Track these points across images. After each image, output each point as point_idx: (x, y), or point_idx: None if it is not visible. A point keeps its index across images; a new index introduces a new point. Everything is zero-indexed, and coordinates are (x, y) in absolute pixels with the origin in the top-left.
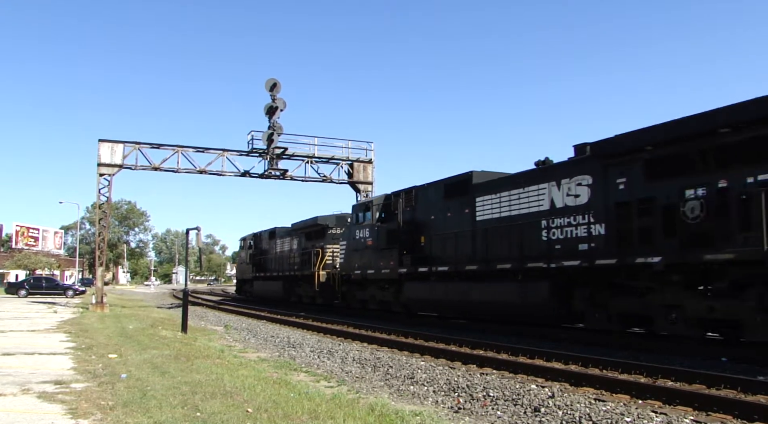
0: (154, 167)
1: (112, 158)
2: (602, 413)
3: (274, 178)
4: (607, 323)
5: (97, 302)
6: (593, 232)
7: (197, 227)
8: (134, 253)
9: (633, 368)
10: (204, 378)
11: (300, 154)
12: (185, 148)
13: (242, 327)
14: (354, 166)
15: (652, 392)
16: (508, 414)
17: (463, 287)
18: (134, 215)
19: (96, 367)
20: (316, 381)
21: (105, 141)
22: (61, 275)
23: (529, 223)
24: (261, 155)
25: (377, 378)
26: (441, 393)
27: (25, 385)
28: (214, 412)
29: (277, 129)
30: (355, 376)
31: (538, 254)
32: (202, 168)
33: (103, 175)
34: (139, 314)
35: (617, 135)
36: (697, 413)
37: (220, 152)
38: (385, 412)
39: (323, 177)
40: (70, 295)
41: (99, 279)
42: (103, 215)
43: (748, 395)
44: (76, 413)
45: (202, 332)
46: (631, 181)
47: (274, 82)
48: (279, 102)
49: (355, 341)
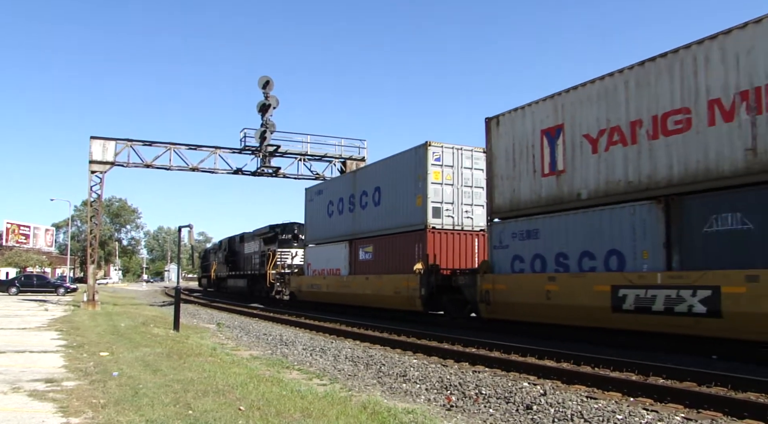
0: (146, 165)
1: (104, 155)
2: (594, 411)
3: (267, 175)
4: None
5: (88, 300)
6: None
7: (189, 224)
8: (126, 250)
9: (624, 366)
10: (196, 376)
11: (293, 151)
12: (177, 145)
13: (234, 325)
14: (347, 164)
15: (644, 390)
16: (501, 412)
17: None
18: (126, 213)
19: (87, 365)
20: (309, 379)
21: (97, 138)
22: (52, 272)
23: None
24: (254, 153)
25: (370, 376)
26: (433, 391)
27: (15, 383)
28: (206, 410)
29: (270, 126)
30: (348, 374)
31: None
32: (195, 165)
33: (95, 172)
34: (131, 312)
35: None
36: (688, 411)
37: (213, 150)
38: (378, 410)
39: (316, 175)
40: (61, 293)
41: (90, 277)
42: (95, 212)
43: (738, 393)
44: (68, 411)
45: (195, 330)
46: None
47: (267, 79)
48: (272, 99)
49: (348, 338)
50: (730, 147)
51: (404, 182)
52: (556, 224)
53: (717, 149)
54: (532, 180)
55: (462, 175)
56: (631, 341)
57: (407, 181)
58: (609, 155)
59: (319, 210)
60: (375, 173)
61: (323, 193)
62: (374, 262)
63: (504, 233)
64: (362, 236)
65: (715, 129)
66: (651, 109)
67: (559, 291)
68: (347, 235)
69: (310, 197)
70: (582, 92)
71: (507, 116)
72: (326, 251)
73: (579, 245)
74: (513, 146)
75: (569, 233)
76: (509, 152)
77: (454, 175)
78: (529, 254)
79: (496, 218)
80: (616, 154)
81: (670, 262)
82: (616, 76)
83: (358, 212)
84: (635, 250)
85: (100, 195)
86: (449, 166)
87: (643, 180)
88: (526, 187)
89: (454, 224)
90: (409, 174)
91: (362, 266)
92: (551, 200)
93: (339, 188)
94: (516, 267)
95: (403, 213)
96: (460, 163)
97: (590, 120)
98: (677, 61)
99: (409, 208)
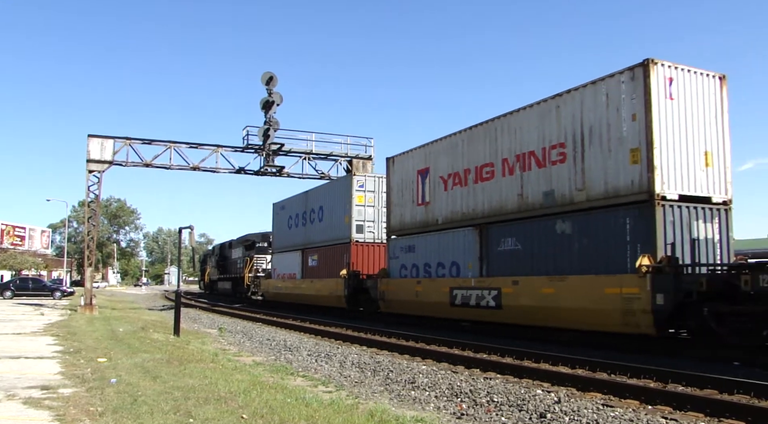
0: (146, 164)
1: (102, 154)
2: (610, 419)
3: (271, 175)
4: None
5: (85, 304)
6: None
7: (190, 225)
8: (125, 253)
9: (642, 373)
10: (197, 383)
11: (297, 150)
12: (178, 144)
13: (237, 330)
14: (353, 163)
15: (662, 397)
16: (513, 420)
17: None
18: (124, 213)
19: (84, 371)
20: (314, 386)
21: (94, 136)
22: (48, 275)
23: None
24: (257, 151)
25: (377, 383)
26: (443, 398)
27: (10, 390)
28: (207, 418)
29: (274, 124)
30: (354, 380)
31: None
32: (196, 165)
33: (93, 171)
34: (129, 317)
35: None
36: (709, 419)
37: (214, 148)
38: (386, 418)
39: (321, 174)
40: (57, 296)
41: (88, 280)
42: (92, 213)
43: (762, 401)
44: (64, 419)
45: (195, 335)
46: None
47: (270, 75)
48: (275, 96)
49: (354, 344)
50: (511, 192)
51: (338, 204)
52: (425, 242)
53: (506, 194)
54: (412, 208)
55: (382, 199)
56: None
57: (340, 203)
58: (453, 193)
59: (282, 223)
60: (320, 195)
61: (285, 209)
62: (318, 268)
63: (396, 247)
64: (311, 246)
65: (505, 179)
66: (474, 161)
67: (422, 291)
68: (301, 245)
69: (276, 211)
70: (440, 144)
71: (399, 158)
72: (287, 258)
73: (437, 257)
74: (402, 181)
75: (431, 248)
76: (399, 186)
77: (375, 198)
78: (409, 264)
79: (393, 235)
80: (457, 193)
81: (482, 271)
82: (458, 135)
83: (308, 226)
84: (465, 262)
85: (98, 195)
86: (371, 191)
87: (469, 212)
88: (408, 213)
89: (375, 238)
90: (341, 197)
91: (310, 271)
92: (422, 223)
93: (296, 205)
94: (402, 273)
95: (337, 228)
96: (381, 189)
97: (444, 165)
98: (488, 129)
99: (341, 225)
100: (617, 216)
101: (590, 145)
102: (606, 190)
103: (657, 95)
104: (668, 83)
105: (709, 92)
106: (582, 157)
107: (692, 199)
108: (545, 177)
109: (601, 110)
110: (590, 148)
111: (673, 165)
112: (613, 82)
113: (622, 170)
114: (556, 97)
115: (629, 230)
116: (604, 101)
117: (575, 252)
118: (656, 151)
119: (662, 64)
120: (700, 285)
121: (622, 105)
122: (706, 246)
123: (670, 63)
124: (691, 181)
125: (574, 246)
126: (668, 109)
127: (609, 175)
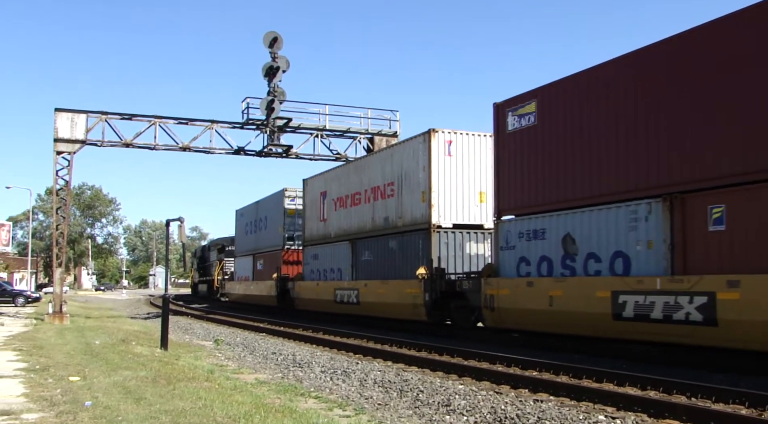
0: (126, 143)
1: (73, 132)
2: None
3: (276, 155)
4: None
5: (54, 312)
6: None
7: (180, 217)
8: (101, 250)
9: (731, 396)
10: (189, 406)
11: (307, 126)
12: (164, 119)
13: (236, 342)
14: (375, 141)
15: None
16: None
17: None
18: (101, 203)
19: (53, 393)
20: (329, 409)
21: (63, 111)
22: (9, 277)
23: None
24: (259, 128)
25: (404, 406)
26: None
27: None
28: None
29: (279, 95)
30: (377, 402)
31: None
32: (186, 144)
33: (62, 153)
34: (107, 326)
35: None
36: None
37: (209, 124)
38: None
39: (336, 155)
40: (20, 303)
41: (57, 283)
42: (62, 202)
43: None
44: None
45: (187, 349)
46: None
47: (274, 35)
48: (281, 61)
49: (377, 358)
50: (368, 216)
51: (275, 215)
52: (323, 250)
53: (366, 217)
54: (317, 223)
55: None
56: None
57: (276, 214)
58: (339, 213)
59: (241, 229)
60: (265, 206)
61: (244, 216)
62: (263, 271)
63: (308, 255)
64: (259, 252)
65: (366, 206)
66: (352, 189)
67: (320, 290)
68: (252, 250)
69: (237, 218)
70: (334, 172)
71: (310, 180)
72: (244, 262)
73: (330, 264)
74: (311, 201)
75: (327, 257)
76: (310, 204)
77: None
78: (316, 269)
79: (306, 245)
80: (341, 213)
81: (353, 275)
82: (345, 166)
83: (258, 233)
84: (345, 268)
85: (68, 182)
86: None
87: (347, 229)
88: (314, 227)
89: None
90: (276, 210)
91: (258, 273)
92: (323, 236)
93: (251, 213)
94: (311, 276)
95: (274, 237)
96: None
97: (336, 190)
98: (359, 165)
99: (277, 233)
100: (415, 238)
101: (406, 186)
102: (413, 219)
103: (437, 154)
104: (447, 145)
105: (482, 148)
106: (401, 194)
107: (466, 226)
108: (384, 206)
109: (410, 161)
110: (406, 187)
111: (450, 203)
112: (416, 143)
113: (417, 206)
114: (393, 146)
115: (420, 249)
116: (412, 155)
117: (397, 263)
118: (434, 193)
119: (443, 131)
120: (442, 287)
121: (420, 159)
122: (477, 260)
123: (450, 130)
124: (466, 214)
125: (397, 259)
126: (447, 163)
127: (414, 208)
